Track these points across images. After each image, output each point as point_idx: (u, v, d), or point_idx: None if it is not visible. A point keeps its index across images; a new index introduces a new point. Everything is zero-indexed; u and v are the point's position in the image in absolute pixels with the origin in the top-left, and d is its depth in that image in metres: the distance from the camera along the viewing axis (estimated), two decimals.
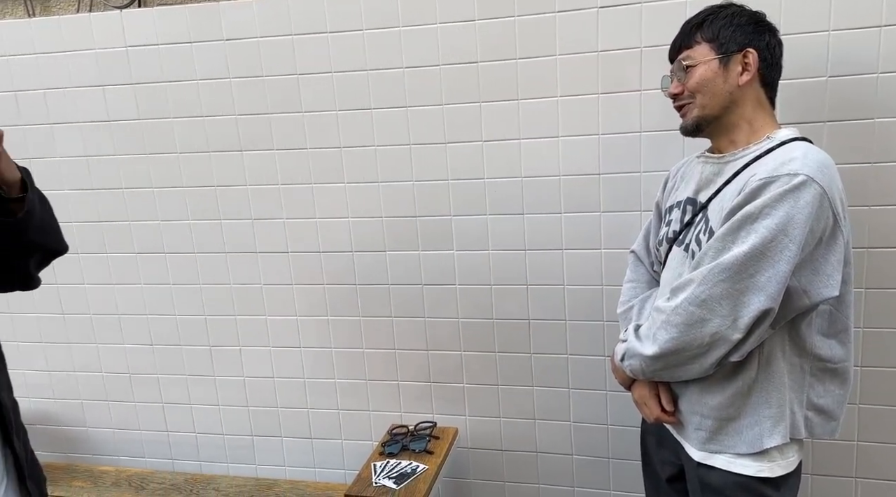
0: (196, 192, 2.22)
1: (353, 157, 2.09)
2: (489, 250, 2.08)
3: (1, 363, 1.45)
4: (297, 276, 2.22)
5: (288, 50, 2.05)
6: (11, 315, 2.47)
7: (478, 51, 1.94)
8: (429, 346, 2.19)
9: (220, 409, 2.42)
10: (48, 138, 2.27)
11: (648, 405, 1.50)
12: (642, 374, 1.45)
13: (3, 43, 2.21)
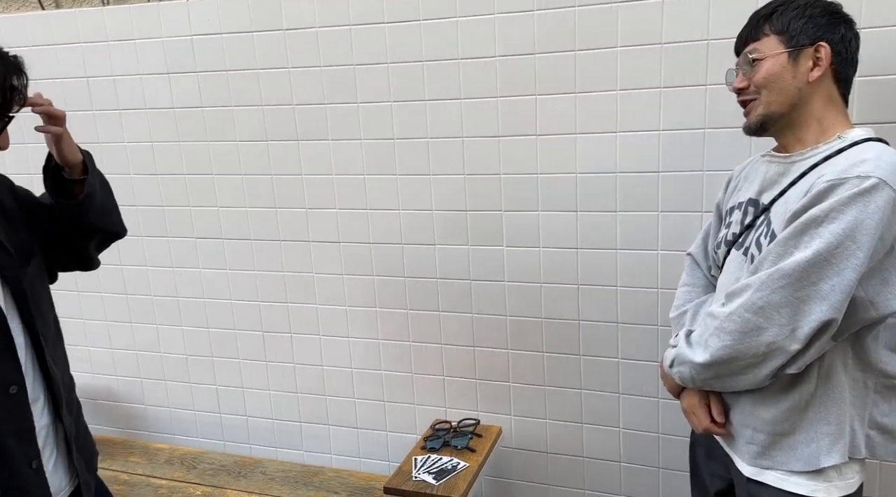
0: (253, 179, 2.26)
1: (406, 149, 2.07)
2: (540, 248, 2.03)
3: (58, 340, 1.50)
4: (348, 266, 2.23)
5: (346, 40, 2.05)
6: (79, 293, 2.58)
7: (535, 42, 1.89)
8: (475, 342, 2.16)
9: (270, 394, 2.46)
10: (117, 124, 2.35)
11: (697, 415, 1.43)
12: (692, 383, 1.38)
13: (77, 30, 2.30)
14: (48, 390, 1.37)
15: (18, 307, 1.32)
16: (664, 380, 1.50)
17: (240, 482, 2.32)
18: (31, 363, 1.34)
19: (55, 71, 2.35)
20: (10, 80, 1.24)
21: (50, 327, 1.45)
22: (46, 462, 1.36)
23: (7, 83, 1.23)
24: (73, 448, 1.43)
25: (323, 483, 2.28)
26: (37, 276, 1.41)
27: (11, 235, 1.35)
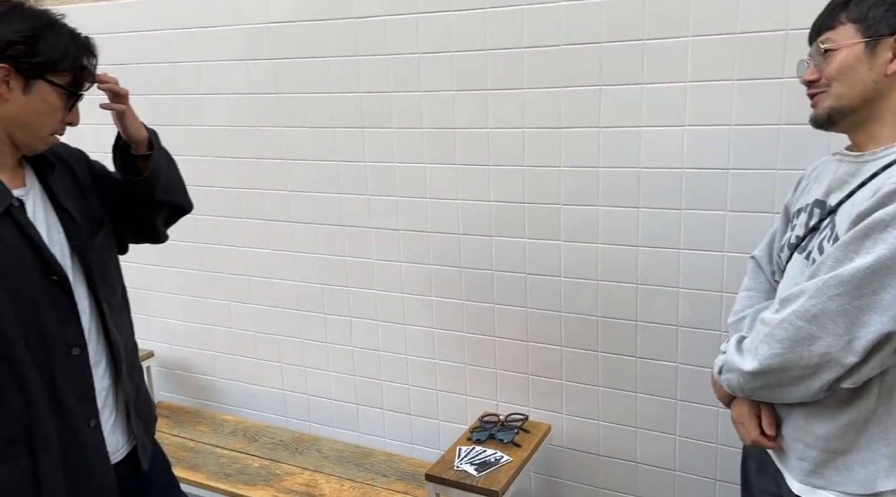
0: (320, 165, 2.31)
1: (467, 139, 2.06)
2: (598, 244, 1.97)
3: (124, 308, 1.59)
4: (406, 254, 2.25)
5: (412, 29, 2.06)
6: (161, 268, 2.73)
7: (602, 31, 1.83)
8: (529, 337, 2.13)
9: (329, 375, 2.52)
10: (199, 108, 2.47)
11: (746, 425, 1.35)
12: (740, 391, 1.30)
13: (164, 18, 2.43)
14: (110, 355, 1.45)
15: (85, 275, 1.40)
16: (714, 387, 1.42)
17: (295, 458, 2.40)
18: (94, 328, 1.42)
19: (144, 56, 2.49)
20: (80, 60, 1.32)
21: (116, 295, 1.53)
22: (105, 422, 1.44)
23: (78, 63, 1.31)
24: (132, 411, 1.51)
25: (373, 465, 2.32)
26: (105, 247, 1.50)
27: (83, 207, 1.44)
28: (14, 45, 1.25)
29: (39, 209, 1.36)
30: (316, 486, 2.23)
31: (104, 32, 2.53)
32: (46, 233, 1.36)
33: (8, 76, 1.26)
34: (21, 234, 1.30)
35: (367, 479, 2.25)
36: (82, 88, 1.33)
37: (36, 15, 1.30)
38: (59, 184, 1.40)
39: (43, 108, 1.29)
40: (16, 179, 1.34)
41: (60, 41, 1.28)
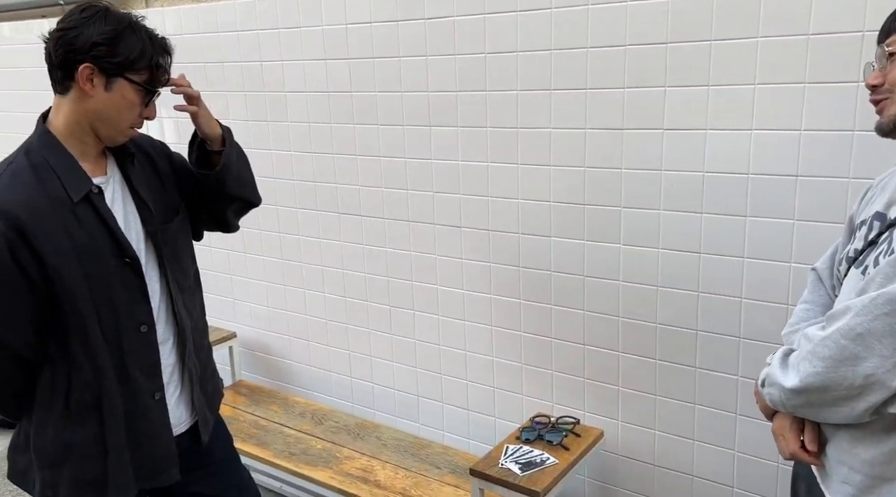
0: (389, 162, 2.39)
1: (529, 139, 2.07)
2: (658, 248, 1.92)
3: (195, 290, 1.71)
4: (467, 251, 2.28)
5: (479, 28, 2.09)
6: (245, 254, 2.91)
7: (668, 31, 1.78)
8: (586, 340, 2.11)
9: (393, 366, 2.60)
10: (282, 105, 2.61)
11: (786, 437, 1.29)
12: (782, 407, 1.25)
13: (255, 19, 2.58)
14: (177, 333, 1.56)
15: (158, 259, 1.53)
16: (756, 398, 1.37)
17: (356, 443, 2.49)
18: (163, 308, 1.54)
19: (237, 55, 2.66)
20: (156, 59, 1.42)
21: (188, 278, 1.65)
22: (170, 396, 1.55)
23: (154, 62, 1.42)
24: (197, 387, 1.62)
25: (429, 457, 2.38)
26: (180, 233, 1.62)
27: (160, 195, 1.56)
28: (98, 46, 1.36)
29: (118, 196, 1.48)
30: (372, 471, 2.31)
31: (203, 32, 2.72)
32: (123, 218, 1.48)
33: (92, 75, 1.38)
34: (98, 218, 1.43)
35: (420, 470, 2.30)
36: (158, 85, 1.44)
37: (118, 18, 1.40)
38: (136, 173, 1.52)
39: (122, 103, 1.40)
40: (98, 168, 1.47)
41: (138, 42, 1.39)
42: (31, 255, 1.36)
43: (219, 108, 2.76)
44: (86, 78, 1.38)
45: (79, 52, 1.37)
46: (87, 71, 1.38)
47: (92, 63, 1.37)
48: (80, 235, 1.40)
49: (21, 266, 1.36)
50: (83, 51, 1.36)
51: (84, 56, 1.37)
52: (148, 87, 1.41)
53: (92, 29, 1.37)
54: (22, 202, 1.35)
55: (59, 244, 1.37)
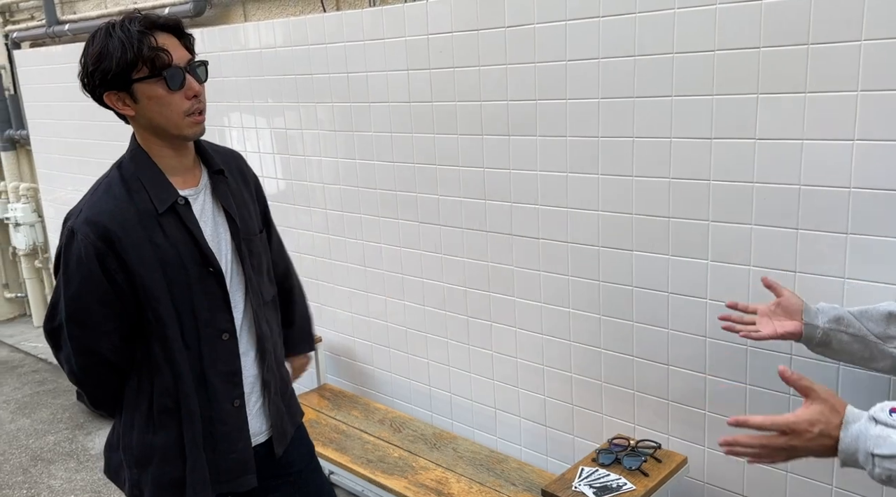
0: (468, 171, 2.36)
1: (610, 148, 1.98)
2: (749, 266, 1.79)
3: (276, 303, 1.74)
4: (545, 263, 2.22)
5: (560, 35, 2.02)
6: (331, 261, 2.97)
7: (761, 35, 1.65)
8: (670, 361, 1.99)
9: (471, 377, 2.57)
10: (366, 115, 2.64)
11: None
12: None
13: (343, 31, 2.63)
14: (259, 345, 1.60)
15: (242, 269, 1.57)
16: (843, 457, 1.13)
17: (432, 453, 2.48)
18: (246, 319, 1.57)
19: (325, 67, 2.73)
20: (141, 48, 1.35)
21: (269, 293, 1.68)
22: (251, 407, 1.59)
23: (142, 54, 1.35)
24: (277, 399, 1.64)
25: (504, 472, 2.33)
26: (263, 249, 1.66)
27: (245, 213, 1.59)
28: (95, 72, 1.37)
29: (208, 207, 1.52)
30: (446, 483, 2.29)
31: (294, 45, 2.81)
32: (212, 229, 1.51)
33: (117, 97, 1.40)
34: (184, 228, 1.48)
35: (495, 485, 2.26)
36: (164, 68, 1.36)
37: (99, 33, 1.37)
38: (223, 188, 1.55)
39: (153, 104, 1.39)
40: (190, 180, 1.51)
41: (118, 45, 1.34)
42: (119, 264, 1.43)
43: (308, 117, 2.84)
44: (115, 103, 1.41)
45: (95, 87, 1.40)
46: (110, 98, 1.41)
47: (106, 90, 1.39)
48: (164, 245, 1.45)
49: (109, 274, 1.43)
50: (94, 83, 1.39)
51: (100, 89, 1.39)
52: (156, 76, 1.36)
53: (86, 59, 1.39)
54: (112, 214, 1.42)
55: (144, 254, 1.43)
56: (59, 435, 3.56)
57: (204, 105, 1.45)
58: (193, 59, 1.43)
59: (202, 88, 1.44)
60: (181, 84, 1.39)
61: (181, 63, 1.40)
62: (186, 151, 1.51)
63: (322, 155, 2.83)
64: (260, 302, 1.61)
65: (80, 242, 1.42)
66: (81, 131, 4.06)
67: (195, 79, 1.42)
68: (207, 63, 1.45)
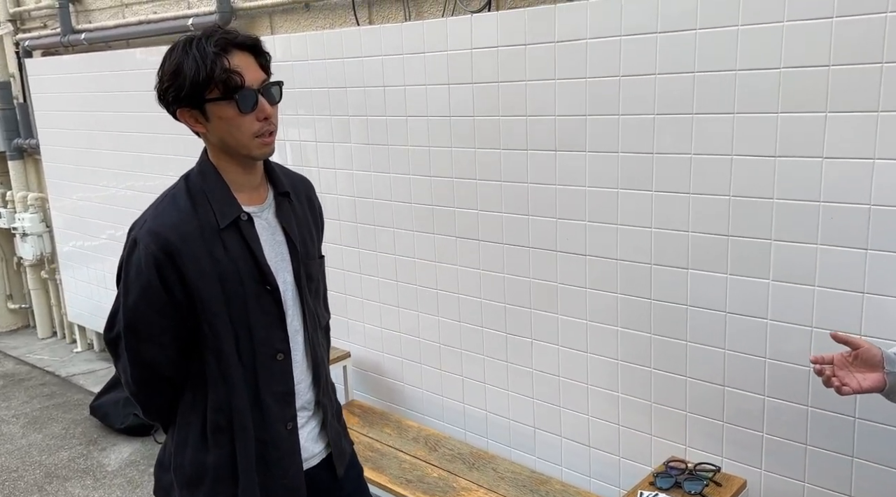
0: (511, 187, 2.33)
1: (666, 164, 1.96)
2: (815, 286, 1.76)
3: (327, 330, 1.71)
4: (592, 280, 2.18)
5: (614, 50, 2.00)
6: (361, 275, 2.93)
7: (831, 53, 1.64)
8: (726, 381, 1.96)
9: (508, 394, 2.53)
10: (403, 128, 2.61)
11: None
12: None
13: (381, 44, 2.60)
14: (314, 367, 1.56)
15: (299, 292, 1.53)
16: None
17: (472, 473, 2.43)
18: (300, 340, 1.54)
19: (360, 80, 2.69)
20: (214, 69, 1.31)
21: (324, 318, 1.66)
22: (308, 430, 1.55)
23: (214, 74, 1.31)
24: (333, 420, 1.61)
25: (549, 493, 2.29)
26: (321, 274, 1.63)
27: (307, 237, 1.55)
28: (170, 89, 1.35)
29: (270, 225, 1.49)
30: None
31: (327, 58, 2.78)
32: (272, 249, 1.48)
33: (190, 114, 1.38)
34: (244, 244, 1.45)
35: None
36: (237, 89, 1.32)
37: (177, 48, 1.34)
38: (287, 210, 1.52)
39: (224, 124, 1.36)
40: (255, 198, 1.48)
41: (192, 63, 1.31)
42: (178, 276, 1.40)
43: (340, 131, 2.80)
44: (187, 120, 1.39)
45: (168, 103, 1.38)
46: (184, 114, 1.39)
47: (179, 106, 1.37)
48: (224, 259, 1.42)
49: (167, 285, 1.40)
50: (168, 99, 1.37)
51: (174, 105, 1.37)
52: (228, 98, 1.33)
53: (162, 74, 1.37)
54: (174, 226, 1.40)
55: (203, 267, 1.41)
56: (72, 451, 3.48)
57: (275, 126, 1.42)
58: (268, 79, 1.40)
59: (274, 110, 1.40)
60: (253, 107, 1.36)
61: (254, 84, 1.37)
62: (255, 169, 1.48)
63: (354, 168, 2.80)
64: (316, 325, 1.59)
65: (141, 252, 1.40)
66: (93, 141, 4.01)
67: (268, 100, 1.39)
68: (282, 83, 1.42)
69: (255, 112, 1.37)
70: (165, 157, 3.57)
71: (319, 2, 3.04)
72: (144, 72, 3.56)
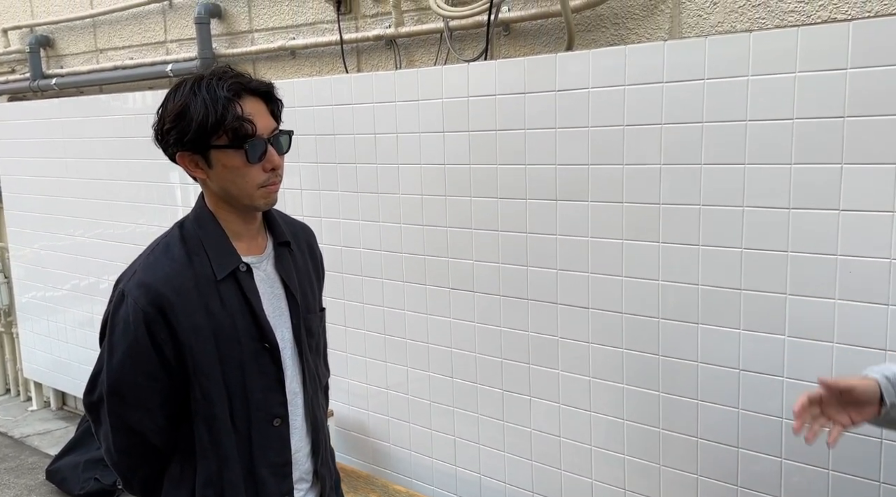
0: (509, 236, 2.26)
1: (673, 215, 1.91)
2: (833, 343, 1.70)
3: (326, 391, 1.60)
4: (595, 334, 2.10)
5: (618, 100, 1.97)
6: (346, 328, 2.80)
7: (846, 104, 1.62)
8: (740, 442, 1.87)
9: (505, 456, 2.39)
10: (395, 177, 2.53)
11: None
12: None
13: (371, 92, 2.54)
14: (313, 434, 1.44)
15: (298, 350, 1.42)
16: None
17: None
18: (299, 403, 1.42)
19: (350, 127, 2.62)
20: (225, 117, 1.24)
21: (324, 379, 1.55)
22: None
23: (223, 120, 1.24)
24: (332, 494, 1.50)
25: None
26: (321, 327, 1.53)
27: (307, 290, 1.45)
28: (172, 130, 1.25)
29: (269, 278, 1.39)
30: None
31: (316, 105, 2.71)
32: (271, 302, 1.37)
33: (191, 159, 1.28)
34: (242, 297, 1.34)
35: None
36: (247, 138, 1.25)
37: (184, 89, 1.26)
38: (287, 260, 1.42)
39: (228, 172, 1.27)
40: (254, 247, 1.38)
41: (197, 107, 1.23)
42: (169, 333, 1.29)
43: (327, 179, 2.71)
44: (187, 165, 1.30)
45: (168, 145, 1.29)
46: (183, 159, 1.29)
47: (180, 150, 1.28)
48: (219, 314, 1.31)
49: (157, 344, 1.29)
50: (169, 141, 1.28)
51: (174, 148, 1.28)
52: (237, 147, 1.25)
53: (164, 114, 1.28)
54: (167, 278, 1.29)
55: (197, 322, 1.30)
56: None
57: (281, 177, 1.34)
58: (278, 127, 1.32)
59: (282, 160, 1.33)
60: (261, 157, 1.28)
61: (265, 133, 1.28)
62: (254, 218, 1.39)
63: (341, 216, 2.70)
64: (316, 386, 1.48)
65: (129, 307, 1.29)
66: (60, 188, 3.85)
67: (276, 150, 1.31)
68: (292, 133, 1.35)
69: (263, 162, 1.28)
70: (135, 205, 3.43)
71: (306, 49, 2.99)
72: (116, 117, 3.45)
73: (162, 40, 3.56)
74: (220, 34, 3.30)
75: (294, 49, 3.01)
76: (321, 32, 2.94)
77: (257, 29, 3.18)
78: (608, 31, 2.22)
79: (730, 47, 1.77)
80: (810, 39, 1.66)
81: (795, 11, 1.88)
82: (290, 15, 3.03)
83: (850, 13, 1.79)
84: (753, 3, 1.94)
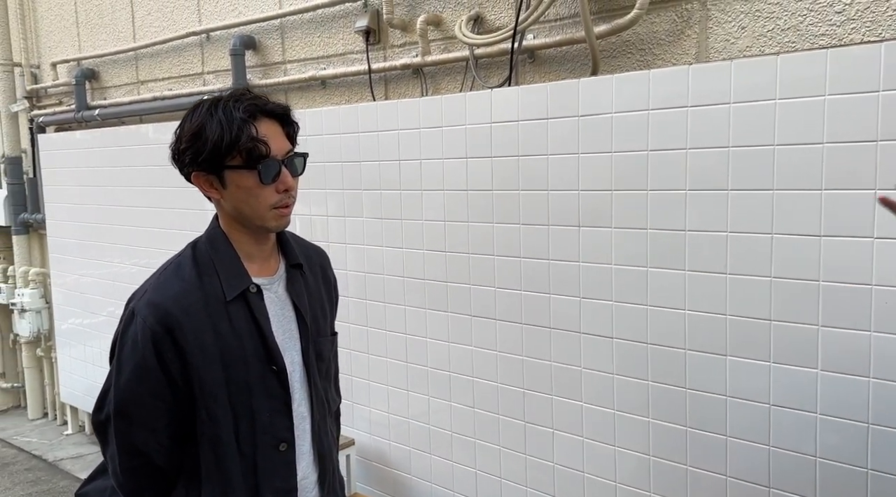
0: (531, 263, 2.22)
1: (699, 242, 1.84)
2: (870, 377, 1.61)
3: (336, 418, 1.57)
4: (620, 365, 2.03)
5: (642, 124, 1.93)
6: (368, 355, 2.77)
7: (878, 126, 1.55)
8: (771, 481, 1.77)
9: (527, 491, 2.32)
10: (418, 202, 2.53)
11: None
12: None
13: (396, 119, 2.56)
14: (320, 461, 1.40)
15: (307, 374, 1.40)
16: None
17: None
18: (306, 428, 1.39)
19: (375, 154, 2.63)
20: (239, 138, 1.24)
21: (334, 404, 1.52)
22: None
23: (237, 141, 1.24)
24: None
25: None
26: (332, 352, 1.50)
27: (318, 313, 1.44)
28: (187, 150, 1.27)
29: (280, 301, 1.38)
30: None
31: (342, 132, 2.73)
32: (281, 324, 1.36)
33: (206, 179, 1.29)
34: (251, 318, 1.33)
35: None
36: (261, 159, 1.25)
37: (201, 109, 1.27)
38: (298, 282, 1.41)
39: (241, 193, 1.28)
40: (266, 268, 1.37)
41: (212, 128, 1.23)
42: (176, 353, 1.28)
43: (352, 205, 2.72)
44: (202, 184, 1.31)
45: (183, 165, 1.30)
46: (198, 179, 1.30)
47: (195, 169, 1.29)
48: (228, 335, 1.30)
49: (164, 364, 1.28)
50: (185, 161, 1.29)
51: (189, 167, 1.29)
52: (250, 168, 1.25)
53: (181, 134, 1.29)
54: (176, 298, 1.29)
55: (205, 343, 1.29)
56: None
57: (294, 199, 1.34)
58: (293, 149, 1.33)
59: (296, 182, 1.33)
60: (274, 178, 1.28)
61: (279, 155, 1.29)
62: (267, 239, 1.39)
63: (365, 243, 2.70)
64: (325, 411, 1.44)
65: (137, 326, 1.29)
66: (101, 216, 3.95)
67: (290, 171, 1.32)
68: (307, 155, 1.35)
69: (276, 183, 1.29)
70: (172, 232, 3.49)
71: (336, 79, 3.04)
72: (155, 147, 3.54)
73: (199, 72, 3.67)
74: (255, 65, 3.37)
75: (324, 79, 3.06)
76: (350, 62, 2.98)
77: (290, 60, 3.24)
78: (634, 57, 2.19)
79: (756, 71, 1.73)
80: (840, 62, 1.61)
81: (826, 35, 1.82)
82: (322, 46, 3.09)
83: (883, 35, 1.73)
84: (782, 27, 1.89)
